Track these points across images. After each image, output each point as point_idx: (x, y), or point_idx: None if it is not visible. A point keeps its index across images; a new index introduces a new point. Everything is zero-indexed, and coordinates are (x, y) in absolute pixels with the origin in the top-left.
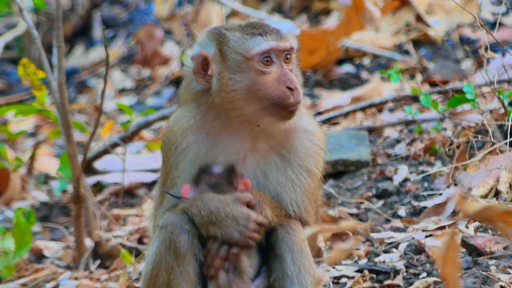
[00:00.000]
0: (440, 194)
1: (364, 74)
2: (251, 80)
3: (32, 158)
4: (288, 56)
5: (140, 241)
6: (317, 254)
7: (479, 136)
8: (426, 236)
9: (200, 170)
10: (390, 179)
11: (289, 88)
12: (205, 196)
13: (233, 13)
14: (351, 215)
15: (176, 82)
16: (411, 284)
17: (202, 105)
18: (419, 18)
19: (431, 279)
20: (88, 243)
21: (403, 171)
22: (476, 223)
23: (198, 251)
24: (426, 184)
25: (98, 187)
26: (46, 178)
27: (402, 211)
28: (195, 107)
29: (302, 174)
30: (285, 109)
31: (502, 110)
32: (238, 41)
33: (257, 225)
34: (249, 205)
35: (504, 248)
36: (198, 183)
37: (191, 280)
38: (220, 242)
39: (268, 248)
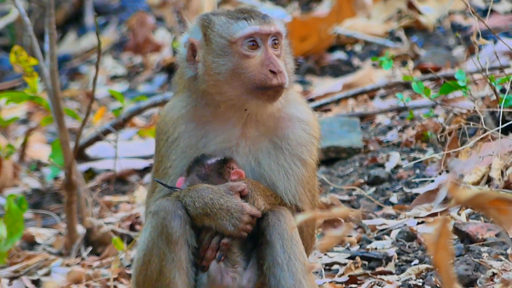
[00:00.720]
0: (432, 181)
1: (355, 61)
2: (234, 63)
3: (24, 145)
4: (276, 41)
5: (131, 227)
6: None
7: (471, 123)
8: (418, 223)
9: (193, 160)
10: (382, 165)
11: (272, 72)
12: (199, 187)
13: (225, 0)
14: (343, 201)
15: (168, 69)
16: (403, 271)
17: (194, 94)
18: (410, 5)
19: (423, 266)
20: (80, 229)
21: (395, 157)
22: (468, 210)
23: (190, 237)
24: (418, 171)
25: (90, 174)
26: (38, 165)
27: (394, 198)
28: (187, 96)
29: (295, 163)
30: (268, 91)
31: (494, 97)
32: (223, 25)
33: (250, 217)
34: (242, 194)
35: (496, 235)
36: (189, 173)
37: (182, 267)
38: (212, 233)
39: (258, 233)
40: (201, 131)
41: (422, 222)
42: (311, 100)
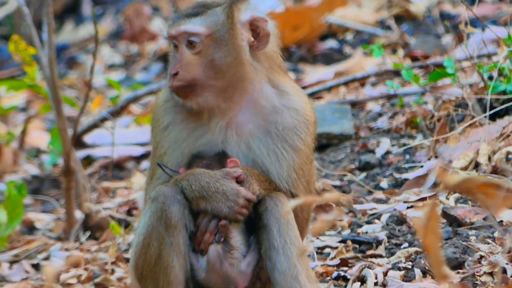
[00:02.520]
0: (421, 166)
1: (347, 49)
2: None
3: (24, 132)
4: (191, 42)
5: (129, 213)
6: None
7: (459, 110)
8: (408, 207)
9: (192, 156)
10: (372, 151)
11: (171, 75)
12: (196, 171)
13: None
14: (335, 187)
15: (163, 57)
16: (393, 254)
17: None
18: None
19: (412, 249)
20: (78, 215)
21: (385, 144)
22: (456, 195)
23: (188, 222)
24: (407, 157)
25: (88, 161)
26: (37, 152)
27: (384, 183)
28: None
29: (286, 149)
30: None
31: (482, 84)
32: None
33: (245, 201)
34: (238, 180)
35: (484, 219)
36: (190, 167)
37: (180, 251)
38: (210, 217)
39: (256, 217)
40: (190, 124)
41: (412, 207)
42: (303, 87)
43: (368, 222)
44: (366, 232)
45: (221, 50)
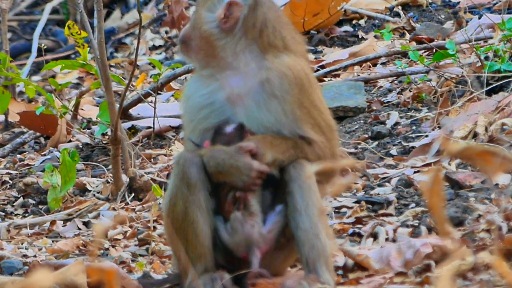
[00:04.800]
0: (426, 136)
1: (360, 33)
2: None
3: (76, 106)
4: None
5: (168, 177)
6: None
7: (460, 86)
8: (415, 172)
9: (214, 132)
10: (383, 123)
11: None
12: (214, 149)
13: None
14: (350, 154)
15: None
16: (401, 213)
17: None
18: None
19: (419, 209)
20: (124, 178)
21: (395, 116)
22: (458, 161)
23: (206, 182)
24: (414, 127)
25: (132, 131)
26: (88, 123)
27: (393, 151)
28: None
29: (271, 100)
30: None
31: (479, 64)
32: None
33: (258, 173)
34: (252, 153)
35: (482, 182)
36: (214, 143)
37: (202, 207)
38: (228, 188)
39: (282, 184)
40: (204, 91)
41: (418, 171)
42: (322, 66)
43: (380, 185)
44: (378, 194)
45: (193, 17)
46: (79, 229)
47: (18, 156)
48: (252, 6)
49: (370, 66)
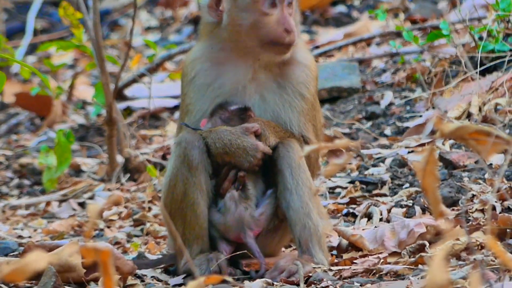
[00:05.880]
0: (420, 116)
1: (355, 14)
2: (255, 19)
3: (71, 86)
4: (291, 2)
5: (163, 157)
6: (318, 168)
7: (454, 66)
8: (409, 152)
9: (217, 105)
10: (377, 103)
11: (286, 30)
12: (219, 129)
13: None
14: (344, 134)
15: (194, 21)
16: (395, 193)
17: (212, 39)
18: None
19: (413, 189)
20: (119, 159)
21: (389, 96)
22: (452, 141)
23: (208, 165)
24: (408, 108)
25: (127, 111)
26: (83, 104)
27: (388, 131)
28: (205, 41)
29: (296, 97)
30: (280, 47)
31: (473, 44)
32: None
33: (263, 154)
34: (256, 134)
35: (475, 162)
36: (212, 115)
37: (203, 189)
38: (230, 166)
39: (271, 163)
40: (215, 72)
41: (412, 151)
42: (316, 47)
43: (374, 165)
44: (372, 174)
45: (297, 12)
46: (74, 210)
47: (14, 137)
48: None
49: (364, 47)
